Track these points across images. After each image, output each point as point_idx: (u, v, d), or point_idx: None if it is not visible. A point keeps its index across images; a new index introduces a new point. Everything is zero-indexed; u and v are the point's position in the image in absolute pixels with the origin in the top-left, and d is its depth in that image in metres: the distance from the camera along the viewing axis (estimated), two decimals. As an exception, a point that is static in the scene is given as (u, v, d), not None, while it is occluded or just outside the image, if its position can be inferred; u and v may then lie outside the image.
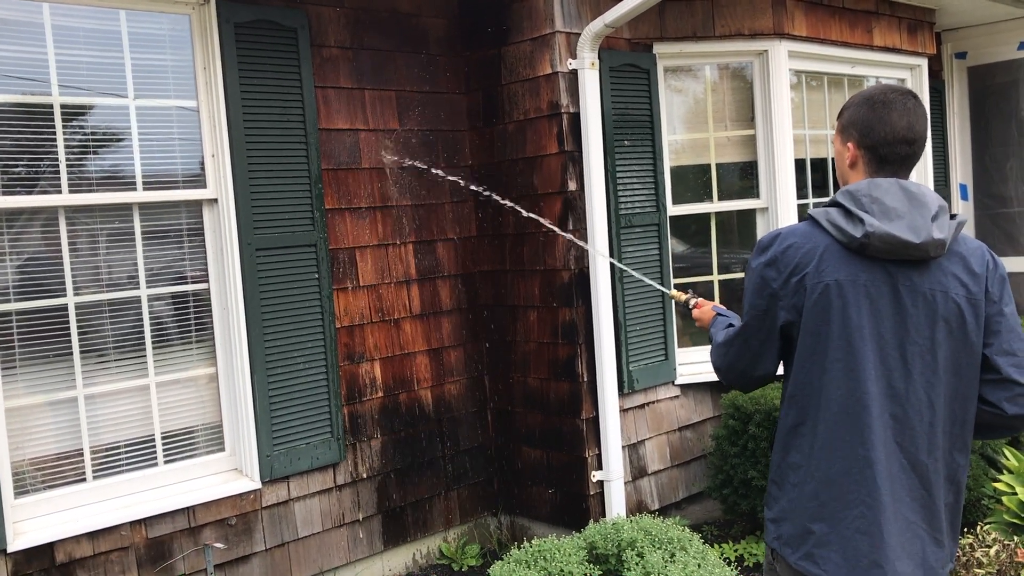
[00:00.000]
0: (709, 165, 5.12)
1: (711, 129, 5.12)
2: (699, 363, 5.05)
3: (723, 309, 2.70)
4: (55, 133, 3.68)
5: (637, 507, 4.72)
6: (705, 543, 4.11)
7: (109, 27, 3.82)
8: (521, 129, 4.63)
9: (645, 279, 3.68)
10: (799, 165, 5.39)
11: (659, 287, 3.75)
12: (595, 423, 4.55)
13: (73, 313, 3.74)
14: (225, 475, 4.11)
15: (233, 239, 4.03)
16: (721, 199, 5.14)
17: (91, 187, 3.77)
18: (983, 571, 3.76)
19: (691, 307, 2.98)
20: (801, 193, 5.52)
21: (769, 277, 2.17)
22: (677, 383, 4.96)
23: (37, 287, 3.67)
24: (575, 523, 4.57)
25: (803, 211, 5.55)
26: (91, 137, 3.79)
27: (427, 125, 4.74)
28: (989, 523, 4.43)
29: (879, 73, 6.04)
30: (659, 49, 4.86)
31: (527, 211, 4.61)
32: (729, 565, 4.44)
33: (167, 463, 3.99)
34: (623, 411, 4.66)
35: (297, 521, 4.23)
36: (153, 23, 3.93)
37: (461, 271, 4.91)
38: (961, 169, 7.20)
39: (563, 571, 3.41)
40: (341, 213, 4.40)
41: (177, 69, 4.00)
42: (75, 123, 3.75)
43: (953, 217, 2.10)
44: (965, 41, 7.01)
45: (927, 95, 6.34)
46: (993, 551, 3.86)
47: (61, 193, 3.69)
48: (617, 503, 4.50)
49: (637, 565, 3.42)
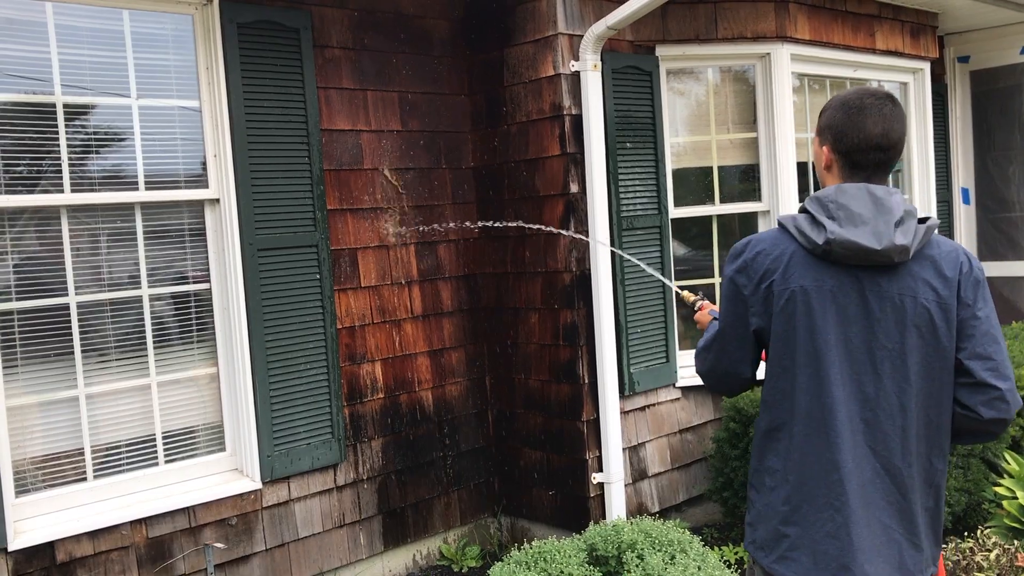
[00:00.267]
0: (711, 168, 5.12)
1: (713, 132, 5.12)
2: (700, 366, 5.05)
3: (718, 312, 2.71)
4: (58, 132, 3.68)
5: (637, 509, 4.72)
6: (705, 546, 4.11)
7: (112, 27, 3.82)
8: (523, 131, 4.63)
9: (655, 274, 3.69)
10: (801, 168, 5.39)
11: (669, 283, 3.76)
12: (596, 425, 4.55)
13: (75, 312, 3.75)
14: (226, 475, 4.11)
15: (235, 239, 4.03)
16: (723, 202, 5.13)
17: (93, 186, 3.77)
18: (983, 575, 3.76)
19: (696, 309, 2.99)
20: (803, 196, 5.52)
21: (740, 284, 2.20)
22: (678, 385, 4.96)
23: (39, 286, 3.67)
24: (575, 525, 4.57)
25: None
26: (93, 137, 3.79)
27: (429, 126, 4.75)
28: (989, 527, 4.42)
29: (882, 77, 6.04)
30: (662, 51, 4.86)
31: (529, 214, 4.61)
32: (729, 568, 4.44)
33: (168, 463, 3.99)
34: (624, 413, 4.65)
35: (297, 521, 4.23)
36: (156, 23, 3.94)
37: (463, 272, 4.91)
38: (963, 173, 7.20)
39: (563, 573, 3.41)
40: (343, 214, 4.40)
41: (180, 69, 4.01)
42: (78, 122, 3.75)
43: (925, 220, 2.08)
44: (968, 45, 7.01)
45: (929, 99, 6.34)
46: (993, 555, 3.86)
47: (63, 192, 3.69)
48: (617, 505, 4.50)
49: (637, 567, 3.41)
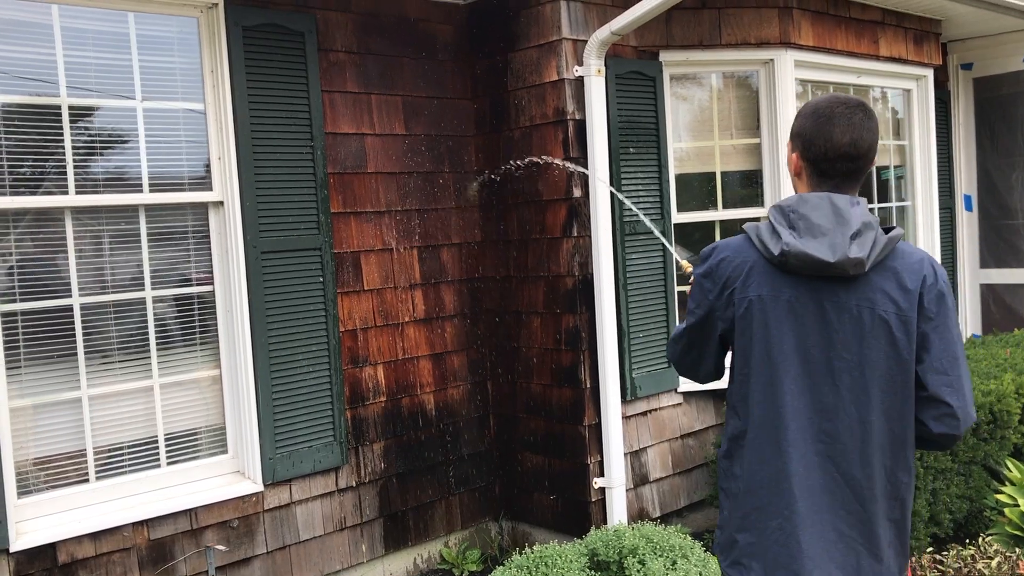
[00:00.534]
0: (714, 173, 5.13)
1: (716, 137, 5.13)
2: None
3: None
4: (63, 134, 3.69)
5: (639, 514, 4.72)
6: (706, 551, 4.11)
7: (117, 29, 3.84)
8: (527, 135, 4.64)
9: (654, 229, 3.71)
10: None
11: (670, 247, 3.78)
12: (597, 430, 4.55)
13: (78, 314, 3.75)
14: (227, 477, 4.11)
15: (238, 242, 4.04)
16: (726, 207, 5.14)
17: (97, 188, 3.78)
18: (985, 583, 3.76)
19: (690, 280, 3.02)
20: (806, 202, 5.52)
21: (706, 288, 2.22)
22: (680, 391, 4.96)
23: (43, 287, 3.68)
24: (576, 530, 4.57)
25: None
26: (98, 138, 3.80)
27: (433, 130, 4.75)
28: (991, 535, 4.42)
29: (885, 83, 6.05)
30: (665, 57, 4.87)
31: (532, 218, 4.62)
32: (730, 573, 4.43)
33: (170, 465, 3.99)
34: (625, 418, 4.65)
35: (299, 524, 4.24)
36: (161, 26, 3.95)
37: (465, 276, 4.91)
38: (966, 180, 7.20)
39: (564, 577, 3.41)
40: (346, 217, 4.41)
41: (185, 72, 4.02)
42: (82, 124, 3.76)
43: (890, 230, 2.06)
44: (971, 52, 7.02)
45: (932, 106, 6.35)
46: (995, 563, 3.85)
47: (68, 194, 3.70)
48: (619, 510, 4.50)
49: (639, 572, 3.42)
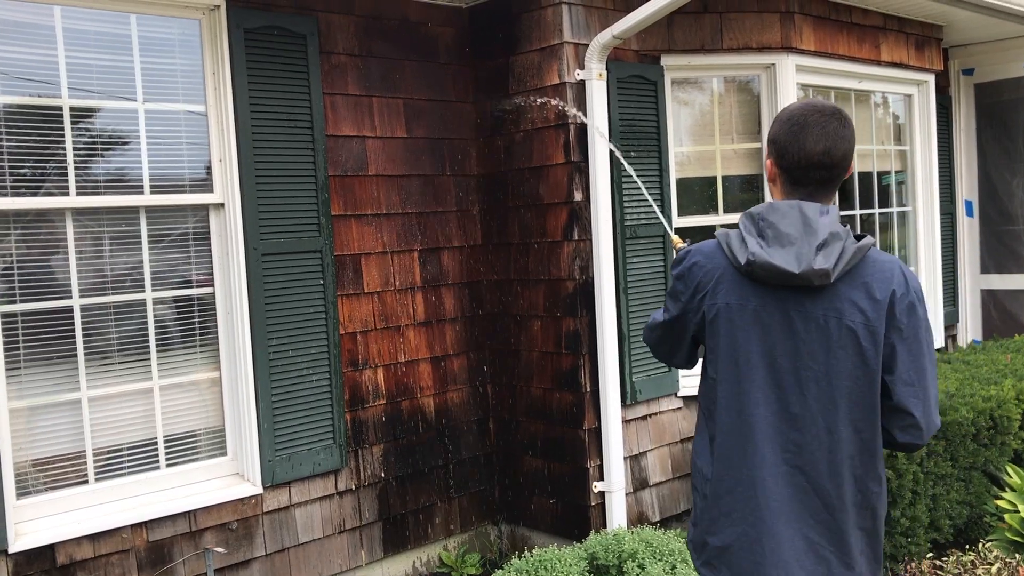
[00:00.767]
0: (715, 177, 5.13)
1: (717, 142, 5.13)
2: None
3: None
4: (64, 135, 3.69)
5: (638, 519, 4.71)
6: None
7: (119, 31, 3.84)
8: (528, 139, 4.64)
9: (650, 199, 3.73)
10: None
11: (663, 220, 3.81)
12: (597, 434, 4.55)
13: (78, 315, 3.75)
14: (227, 479, 4.11)
15: (239, 244, 4.04)
16: (727, 211, 5.14)
17: (98, 190, 3.78)
18: (985, 589, 3.75)
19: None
20: (806, 207, 5.52)
21: (679, 290, 2.24)
22: (680, 395, 4.95)
23: (43, 288, 3.68)
24: (576, 534, 4.56)
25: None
26: (99, 140, 3.80)
27: (434, 133, 4.75)
28: (991, 540, 4.41)
29: (886, 88, 6.05)
30: (667, 61, 4.87)
31: (533, 222, 4.62)
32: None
33: (169, 466, 3.99)
34: (625, 422, 4.65)
35: (298, 527, 4.23)
36: (163, 27, 3.95)
37: (466, 279, 4.91)
38: (967, 185, 7.20)
39: (563, 582, 3.40)
40: (347, 219, 4.41)
41: (186, 73, 4.02)
42: (84, 125, 3.76)
43: (861, 237, 2.05)
44: (972, 58, 7.02)
45: (934, 111, 6.35)
46: (995, 568, 3.85)
47: (69, 195, 3.70)
48: (618, 514, 4.50)
49: (638, 577, 3.41)
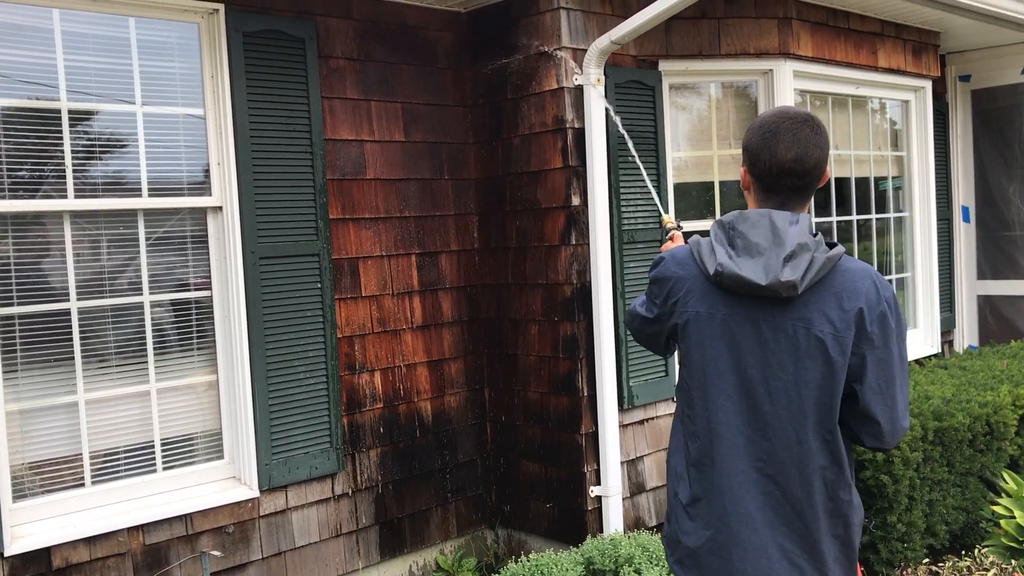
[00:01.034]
0: (712, 183, 5.14)
1: (715, 147, 5.14)
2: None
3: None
4: (62, 138, 3.69)
5: (635, 523, 4.71)
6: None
7: (118, 34, 3.84)
8: (526, 143, 4.65)
9: (648, 182, 3.74)
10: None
11: (657, 202, 3.84)
12: (594, 438, 4.55)
13: (76, 318, 3.75)
14: (223, 483, 4.10)
15: (237, 247, 4.04)
16: (723, 217, 5.14)
17: (96, 192, 3.78)
18: (981, 594, 3.76)
19: (668, 237, 3.03)
20: (804, 212, 5.53)
21: (654, 293, 2.27)
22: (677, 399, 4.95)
23: (41, 291, 3.68)
24: (572, 538, 4.56)
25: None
26: (97, 143, 3.80)
27: (432, 137, 4.76)
28: (987, 546, 4.42)
29: (883, 94, 6.07)
30: (665, 67, 4.88)
31: (531, 226, 4.62)
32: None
33: (166, 470, 3.98)
34: (622, 426, 4.65)
35: (294, 530, 4.23)
36: (162, 31, 3.96)
37: (463, 283, 4.91)
38: (963, 191, 7.22)
39: (560, 586, 3.40)
40: (345, 223, 4.41)
41: (185, 77, 4.02)
42: (82, 128, 3.77)
43: (833, 246, 2.04)
44: (969, 64, 7.04)
45: (931, 117, 6.37)
46: (991, 574, 3.85)
47: (67, 198, 3.70)
48: (615, 519, 4.50)
49: (634, 581, 3.41)
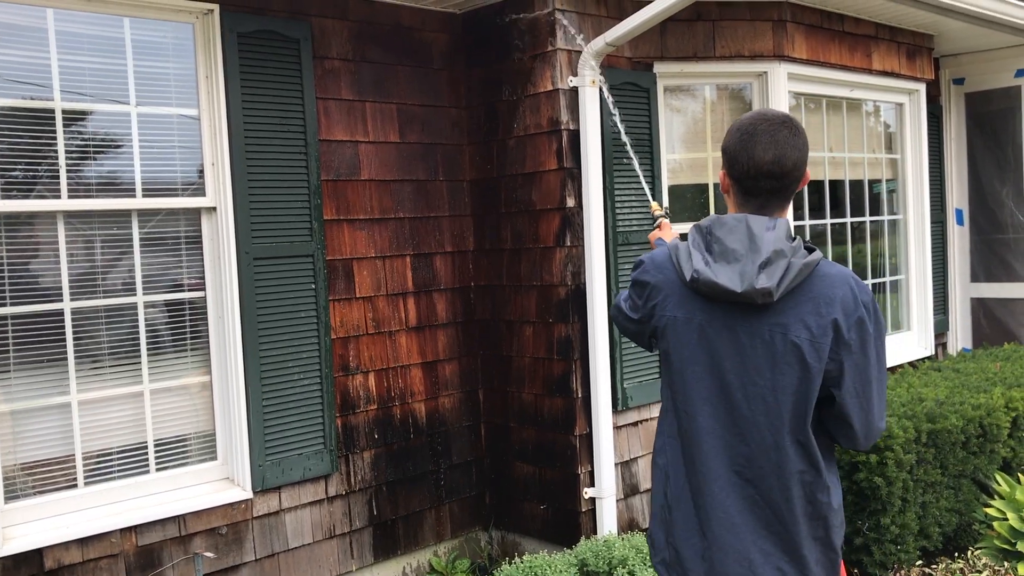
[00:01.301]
0: (707, 185, 5.14)
1: (709, 149, 5.14)
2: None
3: (665, 243, 2.61)
4: (56, 138, 3.68)
5: (628, 525, 4.71)
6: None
7: (113, 34, 3.83)
8: (521, 145, 4.65)
9: (640, 175, 3.78)
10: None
11: (645, 187, 3.87)
12: (588, 440, 4.55)
13: (69, 318, 3.74)
14: (217, 484, 4.09)
15: (231, 248, 4.03)
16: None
17: (90, 193, 3.77)
18: (973, 596, 3.76)
19: (655, 225, 3.03)
20: (798, 214, 5.54)
21: (635, 295, 2.27)
22: (671, 401, 4.95)
23: (34, 291, 3.67)
24: (566, 540, 4.56)
25: (799, 233, 5.57)
26: (91, 143, 3.79)
27: (427, 138, 4.76)
28: (980, 548, 4.43)
29: (878, 97, 6.08)
30: (659, 68, 4.89)
31: (525, 227, 4.62)
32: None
33: (159, 471, 3.97)
34: (616, 428, 4.65)
35: (288, 532, 4.22)
36: (156, 31, 3.95)
37: (458, 285, 4.91)
38: (957, 194, 7.24)
39: (553, 588, 3.40)
40: (339, 224, 4.41)
41: (179, 77, 4.01)
42: (76, 128, 3.76)
43: (812, 250, 2.04)
44: (963, 67, 7.07)
45: (924, 120, 6.38)
46: (984, 576, 3.86)
47: (60, 198, 3.69)
48: (609, 520, 4.50)
49: (628, 583, 3.41)
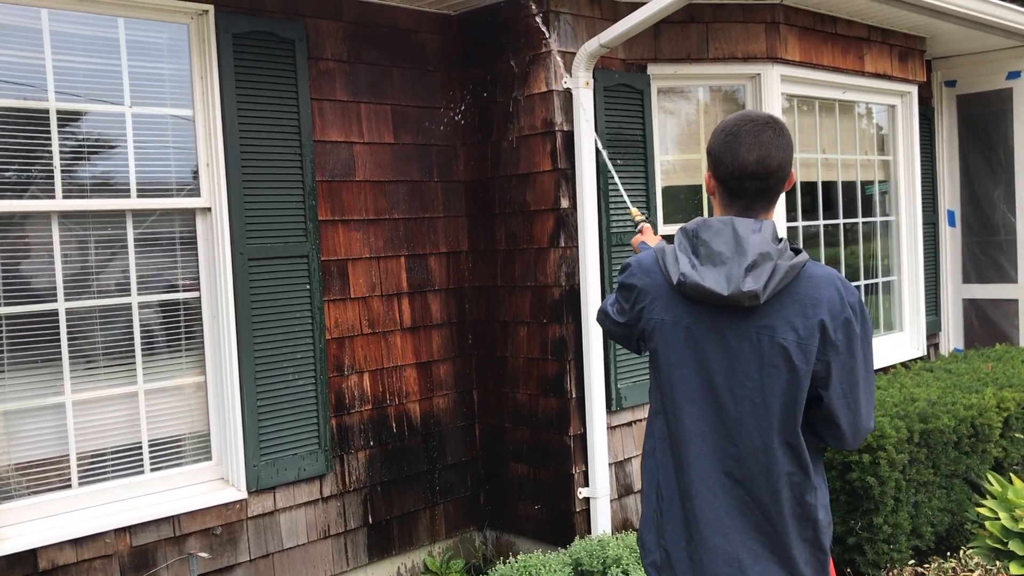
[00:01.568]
0: (700, 186, 5.16)
1: (703, 151, 5.15)
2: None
3: (648, 246, 2.59)
4: (50, 138, 3.68)
5: (622, 525, 4.73)
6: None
7: (107, 34, 3.83)
8: (515, 146, 4.66)
9: (617, 179, 3.85)
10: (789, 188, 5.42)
11: (624, 196, 3.92)
12: (582, 440, 4.56)
13: (63, 319, 3.74)
14: (211, 484, 4.09)
15: (225, 248, 4.03)
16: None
17: (85, 193, 3.77)
18: (965, 595, 3.78)
19: (637, 230, 3.05)
20: (791, 216, 5.57)
21: (621, 299, 2.27)
22: (665, 402, 4.97)
23: (28, 292, 3.66)
24: (560, 540, 4.57)
25: (792, 234, 5.60)
26: (86, 143, 3.79)
27: (422, 139, 4.77)
28: (972, 548, 4.45)
29: (870, 99, 6.11)
30: (653, 70, 4.91)
31: (520, 228, 4.63)
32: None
33: (153, 471, 3.97)
34: (610, 428, 4.67)
35: (282, 532, 4.22)
36: (151, 31, 3.95)
37: (452, 285, 4.92)
38: (949, 196, 7.27)
39: (548, 587, 3.41)
40: (334, 225, 4.41)
41: (174, 78, 4.01)
42: (70, 129, 3.76)
43: (798, 252, 2.05)
44: (955, 69, 7.10)
45: (916, 122, 6.41)
46: (976, 575, 3.88)
47: (55, 198, 3.69)
48: (603, 520, 4.51)
49: (622, 582, 3.42)
